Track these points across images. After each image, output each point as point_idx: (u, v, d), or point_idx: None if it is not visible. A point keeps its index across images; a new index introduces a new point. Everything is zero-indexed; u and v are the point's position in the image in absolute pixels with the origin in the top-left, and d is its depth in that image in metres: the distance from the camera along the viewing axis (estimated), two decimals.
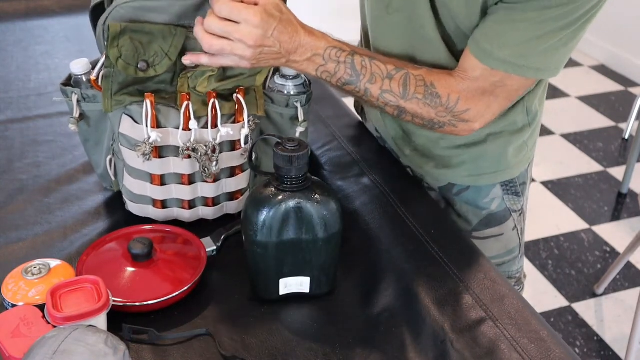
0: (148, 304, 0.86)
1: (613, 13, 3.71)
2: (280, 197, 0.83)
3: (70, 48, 1.60)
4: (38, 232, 1.02)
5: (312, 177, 0.85)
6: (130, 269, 0.90)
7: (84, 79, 0.99)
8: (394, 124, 1.17)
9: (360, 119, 1.36)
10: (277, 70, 1.03)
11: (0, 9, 1.79)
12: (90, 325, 0.74)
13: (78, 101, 0.99)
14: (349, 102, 1.42)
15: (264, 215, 0.83)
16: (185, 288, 0.88)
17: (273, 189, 0.83)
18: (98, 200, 1.09)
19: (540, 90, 1.09)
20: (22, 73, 1.50)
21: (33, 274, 0.84)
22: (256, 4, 0.85)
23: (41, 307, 0.79)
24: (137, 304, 0.86)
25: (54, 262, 0.86)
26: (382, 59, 0.94)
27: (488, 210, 1.16)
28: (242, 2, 0.84)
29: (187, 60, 0.90)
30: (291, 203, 0.82)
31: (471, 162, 1.12)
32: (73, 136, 1.25)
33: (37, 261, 0.86)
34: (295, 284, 0.89)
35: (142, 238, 0.92)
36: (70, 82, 1.00)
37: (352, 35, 1.12)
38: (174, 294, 0.87)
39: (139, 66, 0.91)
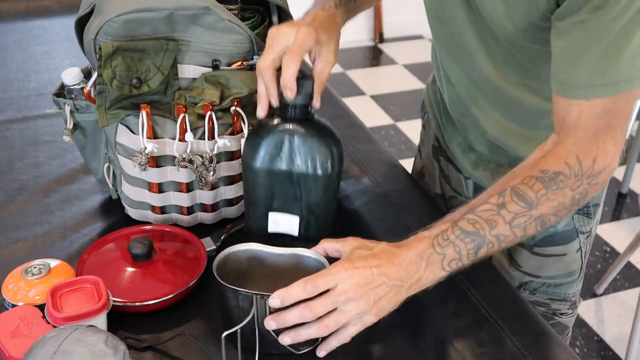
0: (148, 304, 0.86)
1: None
2: (278, 124, 0.83)
3: (70, 48, 1.60)
4: (38, 232, 1.02)
5: (320, 118, 0.86)
6: (130, 269, 0.90)
7: (77, 88, 0.99)
8: (456, 133, 1.12)
9: (359, 119, 1.36)
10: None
11: (0, 9, 1.79)
12: (90, 325, 0.74)
13: (71, 112, 0.98)
14: (349, 102, 1.42)
15: (260, 140, 0.83)
16: (185, 288, 0.88)
17: (275, 118, 0.84)
18: (98, 200, 1.09)
19: None
20: (22, 73, 1.50)
21: (33, 274, 0.84)
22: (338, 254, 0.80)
23: (41, 307, 0.79)
24: (137, 304, 0.86)
25: (54, 262, 0.86)
26: (480, 201, 0.81)
27: (554, 229, 1.07)
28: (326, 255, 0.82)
29: (321, 353, 0.81)
30: (287, 130, 0.83)
31: None
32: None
33: (37, 261, 0.86)
34: (284, 222, 0.89)
35: (142, 238, 0.92)
36: (64, 91, 1.00)
37: (353, 35, 1.11)
38: (174, 294, 0.87)
39: (132, 83, 0.90)
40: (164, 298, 0.86)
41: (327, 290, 0.75)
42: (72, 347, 0.68)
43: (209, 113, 0.92)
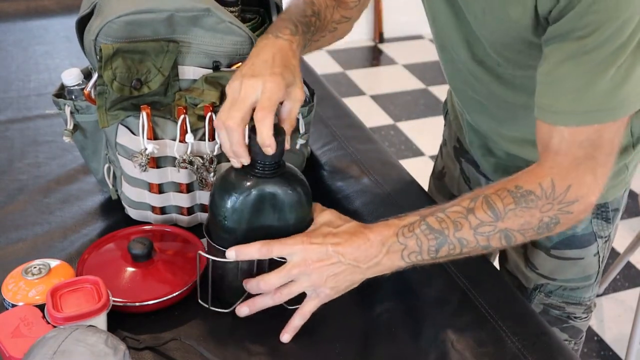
0: (148, 304, 0.86)
1: None
2: (251, 183, 0.80)
3: (70, 48, 1.60)
4: (38, 232, 1.02)
5: (286, 164, 0.83)
6: (130, 269, 0.90)
7: (77, 89, 0.99)
8: (475, 137, 1.11)
9: (359, 119, 1.36)
10: None
11: (0, 9, 1.79)
12: (90, 326, 0.74)
13: (71, 113, 0.98)
14: (349, 102, 1.42)
15: (233, 199, 0.80)
16: (185, 288, 0.88)
17: (245, 174, 0.81)
18: (98, 201, 1.09)
19: None
20: (22, 73, 1.50)
21: (33, 274, 0.84)
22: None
23: (41, 307, 0.79)
24: (137, 304, 0.86)
25: (53, 262, 0.86)
26: (453, 202, 0.82)
27: (572, 231, 1.06)
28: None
29: (284, 337, 0.85)
30: (264, 188, 0.80)
31: None
32: None
33: (37, 261, 0.86)
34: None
35: (142, 238, 0.92)
36: (63, 92, 1.00)
37: (353, 35, 1.12)
38: (174, 294, 0.87)
39: (133, 84, 0.89)
40: (164, 298, 0.86)
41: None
42: (72, 347, 0.68)
43: (209, 114, 0.92)
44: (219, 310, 0.87)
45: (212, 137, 0.94)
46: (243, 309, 0.84)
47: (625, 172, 1.03)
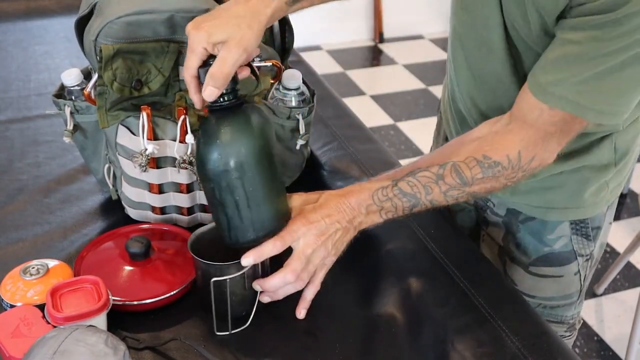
0: (146, 303, 0.86)
1: None
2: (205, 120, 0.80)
3: (70, 48, 1.60)
4: (38, 232, 1.02)
5: (251, 103, 0.82)
6: (128, 268, 0.90)
7: (77, 89, 0.98)
8: (462, 128, 1.09)
9: (359, 119, 1.36)
10: (279, 81, 1.03)
11: (0, 9, 1.79)
12: (90, 325, 0.74)
13: (71, 113, 0.98)
14: (349, 102, 1.42)
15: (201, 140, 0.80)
16: (183, 287, 0.88)
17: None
18: (98, 200, 1.09)
19: (636, 128, 0.97)
20: (22, 73, 1.50)
21: (31, 274, 0.84)
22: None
23: (41, 307, 0.79)
24: (135, 302, 0.85)
25: (52, 263, 0.86)
26: (424, 166, 0.88)
27: (550, 248, 1.06)
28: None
29: (301, 313, 0.88)
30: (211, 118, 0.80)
31: (541, 193, 1.01)
32: None
33: (35, 261, 0.86)
34: None
35: (140, 237, 0.92)
36: (63, 92, 1.00)
37: (353, 35, 1.11)
38: (172, 293, 0.87)
39: (133, 85, 0.89)
40: (162, 297, 0.87)
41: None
42: (72, 347, 0.68)
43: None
44: (240, 329, 0.86)
45: (186, 56, 0.93)
46: (265, 298, 0.87)
47: (606, 189, 1.02)
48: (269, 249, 0.83)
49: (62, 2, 1.83)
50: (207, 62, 0.79)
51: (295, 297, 0.91)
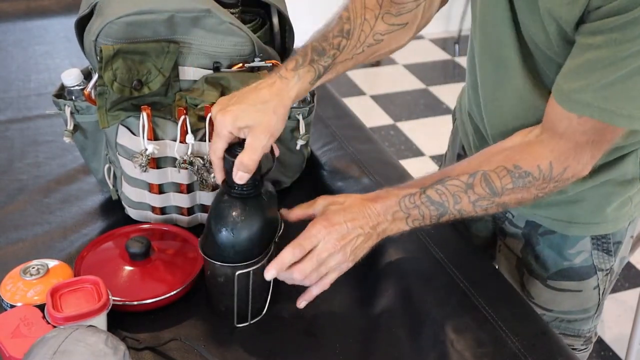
0: (146, 303, 0.86)
1: None
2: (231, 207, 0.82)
3: (70, 48, 1.60)
4: (38, 232, 1.02)
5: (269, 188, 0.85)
6: (128, 268, 0.90)
7: (77, 89, 0.98)
8: (479, 142, 1.07)
9: (359, 119, 1.36)
10: None
11: (0, 9, 1.79)
12: (90, 325, 0.74)
13: (72, 113, 0.98)
14: (349, 102, 1.42)
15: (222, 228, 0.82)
16: (183, 287, 0.88)
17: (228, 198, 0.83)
18: (98, 200, 1.09)
19: None
20: (22, 73, 1.50)
21: (31, 274, 0.84)
22: (311, 216, 0.87)
23: (41, 307, 0.79)
24: (135, 302, 0.85)
25: (52, 263, 0.86)
26: (453, 174, 0.86)
27: (570, 263, 1.03)
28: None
29: (301, 304, 0.87)
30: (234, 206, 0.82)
31: (563, 207, 0.99)
32: None
33: (35, 262, 0.86)
34: None
35: (140, 237, 0.92)
36: (63, 92, 1.00)
37: None
38: (172, 293, 0.87)
39: (133, 85, 0.89)
40: (162, 297, 0.87)
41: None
42: (72, 347, 0.68)
43: (209, 115, 0.92)
44: (257, 319, 0.88)
45: (212, 138, 0.93)
46: (301, 303, 0.87)
47: (629, 204, 1.00)
48: (289, 257, 0.81)
49: (62, 2, 1.82)
50: (233, 146, 0.81)
51: (295, 297, 0.91)
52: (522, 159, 0.84)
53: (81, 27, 0.96)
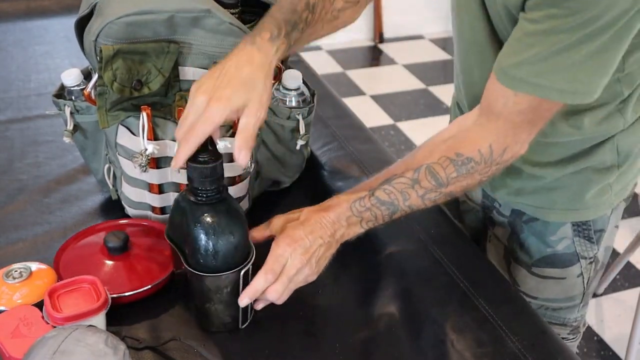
0: (125, 296, 0.86)
1: None
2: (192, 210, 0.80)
3: (70, 48, 1.60)
4: (38, 232, 1.02)
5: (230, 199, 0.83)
6: (107, 262, 0.91)
7: (77, 89, 0.98)
8: None
9: (359, 119, 1.36)
10: (279, 83, 1.03)
11: (0, 9, 1.79)
12: (90, 325, 0.74)
13: (71, 113, 0.98)
14: (349, 102, 1.42)
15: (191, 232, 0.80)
16: (162, 279, 0.89)
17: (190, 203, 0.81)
18: (98, 200, 1.09)
19: (635, 125, 0.96)
20: (22, 73, 1.50)
21: (14, 278, 0.83)
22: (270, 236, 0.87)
23: (40, 307, 0.79)
24: (114, 295, 0.85)
25: (34, 265, 0.86)
26: (398, 172, 0.88)
27: (553, 249, 1.06)
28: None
29: (259, 306, 0.87)
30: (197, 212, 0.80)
31: (544, 194, 1.01)
32: None
33: (16, 265, 0.85)
34: None
35: (117, 232, 0.92)
36: (63, 92, 1.00)
37: (353, 35, 1.11)
38: (150, 286, 0.88)
39: (133, 85, 0.89)
40: (141, 290, 0.87)
41: None
42: (72, 347, 0.68)
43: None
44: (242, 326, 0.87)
45: (200, 122, 0.93)
46: (259, 305, 0.87)
47: (609, 192, 1.01)
48: (262, 283, 0.82)
49: (62, 2, 1.83)
50: (196, 153, 0.79)
51: (295, 297, 0.91)
52: (462, 146, 0.87)
53: (81, 27, 0.96)
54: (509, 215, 1.08)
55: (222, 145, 0.93)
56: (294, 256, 0.83)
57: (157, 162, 0.95)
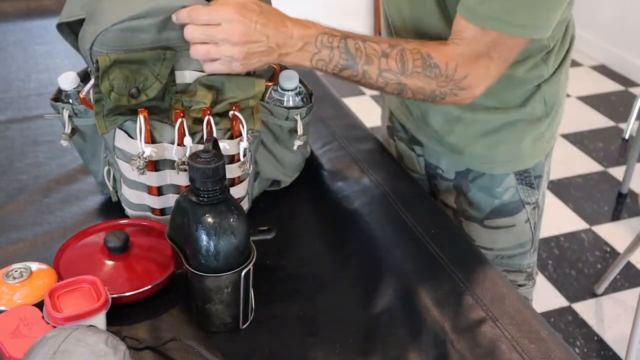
0: (126, 296, 0.86)
1: (613, 13, 3.71)
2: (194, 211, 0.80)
3: (70, 48, 1.60)
4: (38, 232, 1.02)
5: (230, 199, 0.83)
6: (107, 262, 0.91)
7: (74, 92, 0.98)
8: (414, 107, 1.17)
9: (359, 119, 1.36)
10: (276, 84, 1.03)
11: (0, 9, 1.79)
12: (90, 325, 0.74)
13: (70, 117, 0.98)
14: (349, 102, 1.42)
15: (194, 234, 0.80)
16: (163, 279, 0.89)
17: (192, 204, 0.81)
18: (98, 201, 1.09)
19: (559, 79, 1.09)
20: (22, 73, 1.50)
21: (14, 278, 0.83)
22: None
23: (40, 307, 0.79)
24: (115, 295, 0.85)
25: (34, 265, 0.86)
26: (375, 39, 0.92)
27: (500, 200, 1.16)
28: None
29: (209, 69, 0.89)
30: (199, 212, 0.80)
31: (486, 150, 1.12)
32: None
33: (16, 265, 0.85)
34: None
35: (118, 232, 0.92)
36: (61, 95, 0.99)
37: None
38: (151, 286, 0.88)
39: (130, 92, 0.88)
40: (141, 289, 0.87)
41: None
42: (72, 347, 0.68)
43: (207, 117, 0.91)
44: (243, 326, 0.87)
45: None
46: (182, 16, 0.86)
47: (542, 139, 1.13)
48: (183, 15, 0.83)
49: (62, 2, 1.81)
50: (196, 154, 0.79)
51: (295, 297, 0.91)
52: (435, 52, 0.91)
53: (68, 28, 0.95)
54: (454, 179, 1.18)
55: (220, 146, 0.93)
56: (233, 24, 0.83)
57: (156, 165, 0.95)
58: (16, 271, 0.84)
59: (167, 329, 0.86)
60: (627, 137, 3.11)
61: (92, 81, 0.92)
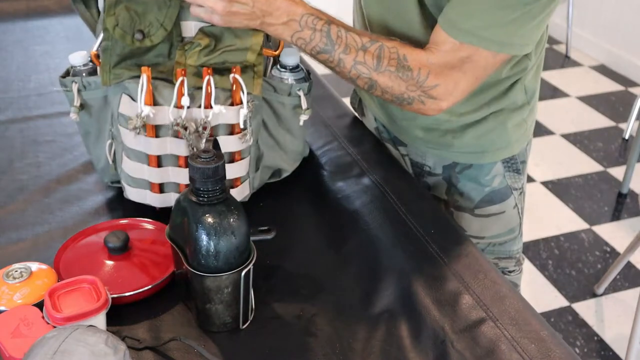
0: (126, 296, 0.87)
1: (613, 13, 3.71)
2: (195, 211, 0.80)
3: (70, 48, 1.60)
4: (38, 232, 1.02)
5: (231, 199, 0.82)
6: (107, 262, 0.91)
7: (84, 69, 0.99)
8: (397, 108, 1.17)
9: (357, 115, 1.36)
10: (276, 61, 1.03)
11: (0, 9, 1.79)
12: (90, 325, 0.74)
13: (79, 90, 0.99)
14: (349, 102, 1.42)
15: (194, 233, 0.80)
16: (164, 279, 0.89)
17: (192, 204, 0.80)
18: (98, 200, 1.09)
19: (535, 68, 1.11)
20: (22, 73, 1.50)
21: (15, 278, 0.83)
22: None
23: (40, 307, 0.79)
24: (115, 295, 0.85)
25: (34, 265, 0.86)
26: (358, 32, 0.93)
27: (490, 188, 1.18)
28: None
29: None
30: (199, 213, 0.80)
31: (473, 140, 1.14)
32: (73, 136, 1.25)
33: (16, 265, 0.85)
34: None
35: (118, 231, 0.92)
36: (69, 74, 1.01)
37: None
38: (151, 286, 0.88)
39: (135, 36, 0.90)
40: (142, 289, 0.87)
41: None
42: (72, 347, 0.68)
43: (207, 77, 0.91)
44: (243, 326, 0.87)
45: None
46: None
47: (525, 126, 1.16)
48: None
49: (62, 2, 1.82)
50: (197, 155, 0.79)
51: (295, 297, 0.91)
52: (411, 55, 0.93)
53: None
54: (442, 173, 1.21)
55: (216, 109, 0.93)
56: None
57: (156, 131, 0.95)
58: (16, 271, 0.84)
59: (167, 329, 0.86)
60: (627, 137, 3.11)
61: (101, 36, 0.93)
